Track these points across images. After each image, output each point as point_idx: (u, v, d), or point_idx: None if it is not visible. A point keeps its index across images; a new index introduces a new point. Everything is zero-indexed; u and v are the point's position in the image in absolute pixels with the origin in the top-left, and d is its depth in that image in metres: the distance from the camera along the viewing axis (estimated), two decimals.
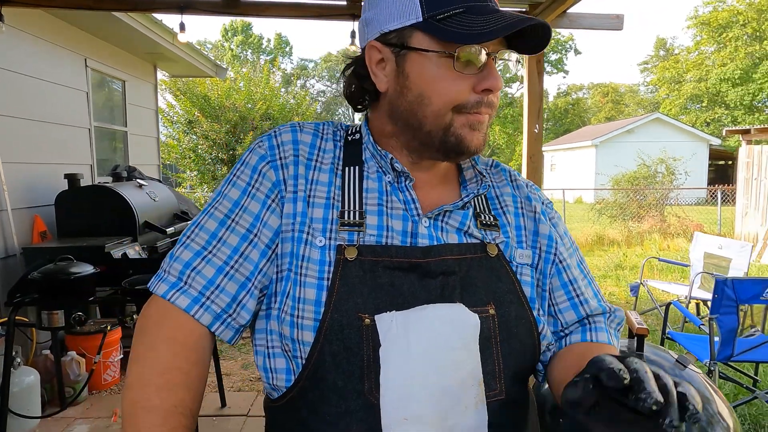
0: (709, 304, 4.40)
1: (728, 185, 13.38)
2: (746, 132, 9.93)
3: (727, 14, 27.08)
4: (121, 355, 3.59)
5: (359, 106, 0.84)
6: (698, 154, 20.35)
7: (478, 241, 0.77)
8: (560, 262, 0.83)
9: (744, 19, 26.45)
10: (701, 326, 3.41)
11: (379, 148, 0.78)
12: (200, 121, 8.89)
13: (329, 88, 44.69)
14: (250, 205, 0.75)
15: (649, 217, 10.70)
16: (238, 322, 0.73)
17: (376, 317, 0.69)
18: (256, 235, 0.74)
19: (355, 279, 0.70)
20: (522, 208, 0.85)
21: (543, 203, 0.88)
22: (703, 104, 28.50)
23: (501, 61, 0.76)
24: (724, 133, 11.33)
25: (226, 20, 36.55)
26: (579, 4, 3.08)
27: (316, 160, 0.78)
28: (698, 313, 4.38)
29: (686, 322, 4.39)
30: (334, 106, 43.82)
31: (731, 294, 2.82)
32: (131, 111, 5.43)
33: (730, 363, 3.01)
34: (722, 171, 25.74)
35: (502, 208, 0.83)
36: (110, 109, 5.17)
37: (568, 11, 3.13)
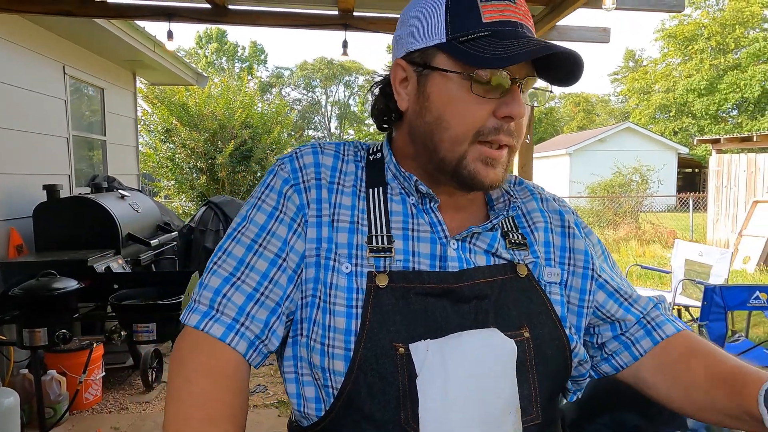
0: (690, 310, 4.53)
1: (696, 192, 13.81)
2: (716, 141, 10.27)
3: (692, 27, 28.13)
4: (103, 373, 3.46)
5: (384, 126, 0.83)
6: (668, 163, 20.97)
7: (507, 262, 0.76)
8: (599, 276, 0.82)
9: (708, 33, 27.52)
10: None
11: (402, 169, 0.77)
12: (178, 129, 8.71)
13: (305, 97, 44.60)
14: (277, 230, 0.73)
15: (624, 225, 10.95)
16: (268, 348, 0.72)
17: (411, 346, 0.67)
18: (284, 259, 0.72)
19: (387, 307, 0.68)
20: (551, 223, 0.83)
21: (574, 213, 0.87)
22: (671, 114, 29.44)
23: (530, 90, 0.74)
24: (695, 143, 11.71)
25: (213, 28, 36.11)
26: (568, 17, 3.13)
27: (339, 183, 0.77)
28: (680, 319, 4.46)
29: None
30: (310, 114, 43.71)
31: (720, 301, 2.89)
32: (110, 119, 5.29)
33: None
34: (690, 178, 26.61)
35: (529, 225, 0.82)
36: (89, 117, 5.03)
37: (558, 24, 3.19)
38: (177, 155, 9.05)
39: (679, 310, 4.54)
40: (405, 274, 0.70)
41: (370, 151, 0.82)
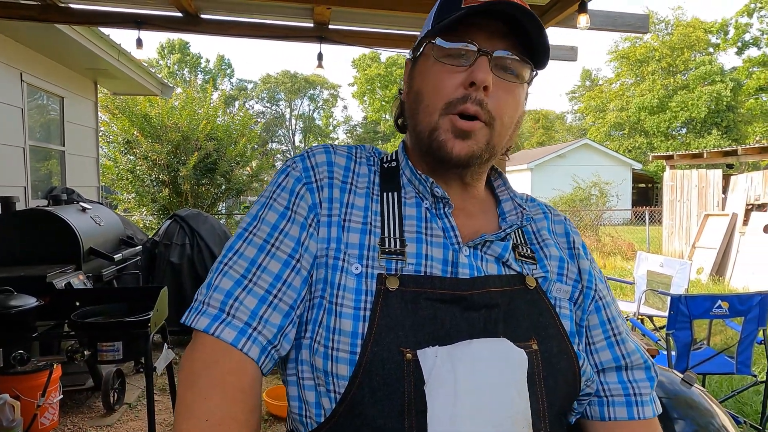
0: (654, 320, 4.68)
1: (650, 206, 14.39)
2: (670, 158, 10.75)
3: (644, 50, 29.59)
4: (60, 396, 3.26)
5: (401, 128, 0.85)
6: (623, 178, 21.84)
7: (516, 273, 0.75)
8: (600, 299, 0.81)
9: (659, 55, 29.02)
10: (658, 342, 3.58)
11: (418, 172, 0.76)
12: (139, 141, 8.46)
13: (269, 110, 44.24)
14: (290, 230, 0.71)
15: (585, 238, 11.28)
16: (279, 353, 0.69)
17: (419, 352, 0.65)
18: (298, 260, 0.70)
19: (396, 311, 0.67)
20: (560, 243, 0.83)
21: (578, 236, 0.87)
22: (625, 132, 30.73)
23: (508, 62, 0.72)
24: (650, 159, 12.24)
25: (176, 39, 35.54)
26: None
27: (351, 183, 0.76)
28: None
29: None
30: (274, 127, 43.35)
31: (685, 310, 2.98)
32: (69, 129, 5.08)
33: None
34: (644, 193, 27.74)
35: (539, 243, 0.81)
36: (47, 127, 4.81)
37: None
38: (138, 167, 8.77)
39: (642, 320, 4.69)
40: (416, 278, 0.69)
41: (384, 160, 0.82)
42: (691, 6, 63.52)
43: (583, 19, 2.53)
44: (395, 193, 0.76)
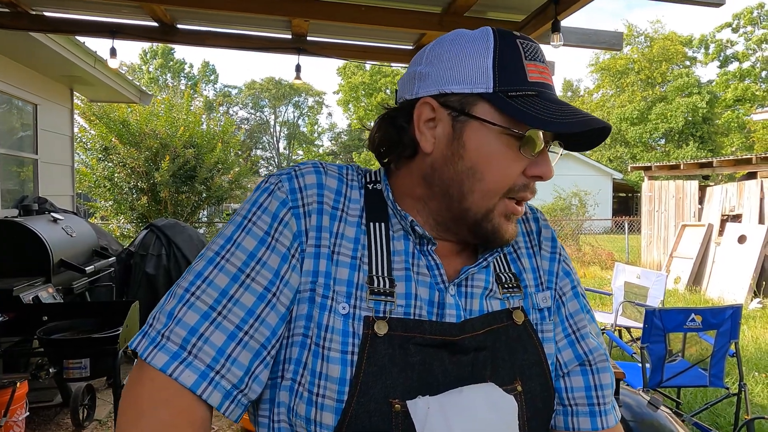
0: (631, 331, 4.73)
1: (631, 216, 14.61)
2: (648, 168, 10.94)
3: (624, 62, 30.18)
4: (27, 413, 3.16)
5: (385, 159, 0.76)
6: (603, 187, 22.16)
7: (503, 309, 0.73)
8: (561, 296, 0.78)
9: (638, 67, 29.62)
10: (633, 354, 3.61)
11: (399, 207, 0.71)
12: (117, 147, 8.34)
13: (253, 116, 44.03)
14: (269, 259, 0.65)
15: (566, 247, 11.39)
16: (249, 397, 0.63)
17: (409, 403, 0.62)
18: (275, 294, 0.64)
19: (384, 358, 0.63)
20: (533, 247, 0.80)
21: (547, 229, 0.84)
22: (607, 142, 31.22)
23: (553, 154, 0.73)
24: (629, 169, 12.44)
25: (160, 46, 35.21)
26: None
27: (342, 210, 0.70)
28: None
29: (613, 347, 4.64)
30: (258, 134, 43.14)
31: (659, 323, 3.01)
32: (43, 137, 4.98)
33: (658, 389, 3.19)
34: (624, 202, 28.17)
35: (516, 251, 0.79)
36: (19, 134, 4.70)
37: None
38: (116, 174, 8.64)
39: (620, 331, 4.72)
40: (405, 322, 0.65)
41: (368, 179, 0.75)
42: (669, 20, 65.38)
43: (556, 38, 2.57)
44: (382, 224, 0.70)
